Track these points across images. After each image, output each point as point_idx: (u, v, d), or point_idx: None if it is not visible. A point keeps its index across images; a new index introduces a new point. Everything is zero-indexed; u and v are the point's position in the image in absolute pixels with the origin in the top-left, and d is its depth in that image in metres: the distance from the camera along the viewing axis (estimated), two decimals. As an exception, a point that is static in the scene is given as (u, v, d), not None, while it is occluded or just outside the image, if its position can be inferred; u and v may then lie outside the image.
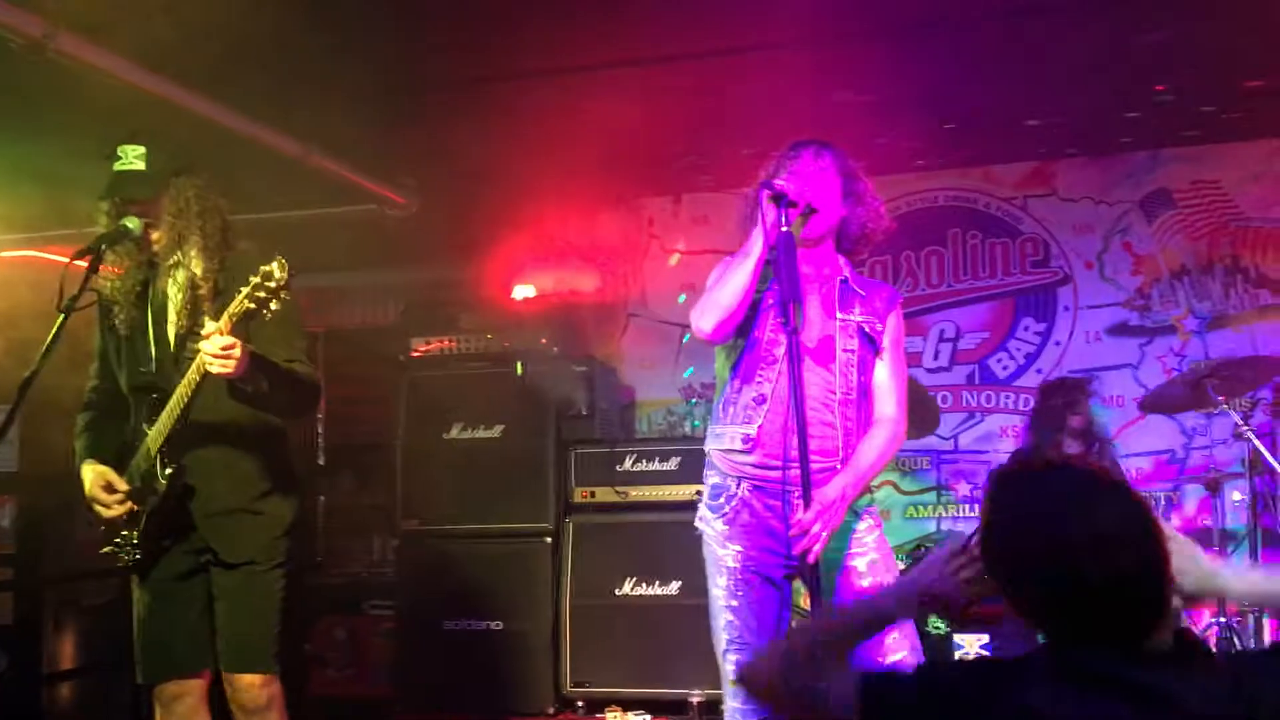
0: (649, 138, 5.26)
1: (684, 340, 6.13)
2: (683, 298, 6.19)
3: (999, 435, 5.94)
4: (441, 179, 5.76)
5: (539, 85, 4.75)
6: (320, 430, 6.43)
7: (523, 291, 5.99)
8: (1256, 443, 4.32)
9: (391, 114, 4.92)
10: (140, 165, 2.88)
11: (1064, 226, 5.99)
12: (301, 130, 4.98)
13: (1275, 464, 4.29)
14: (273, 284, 2.59)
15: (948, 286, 6.12)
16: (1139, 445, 5.64)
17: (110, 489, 2.94)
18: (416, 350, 5.56)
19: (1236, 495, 5.12)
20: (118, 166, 2.90)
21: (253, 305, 2.61)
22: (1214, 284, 5.76)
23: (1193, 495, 5.48)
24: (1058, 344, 5.96)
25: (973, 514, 5.89)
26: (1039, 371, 5.94)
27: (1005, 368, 6.03)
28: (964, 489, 5.66)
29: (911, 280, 6.14)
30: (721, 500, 2.87)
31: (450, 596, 5.15)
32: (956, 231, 6.13)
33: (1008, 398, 5.99)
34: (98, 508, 2.95)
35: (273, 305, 2.63)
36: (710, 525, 2.88)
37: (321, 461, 6.40)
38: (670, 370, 6.31)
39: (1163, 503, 5.42)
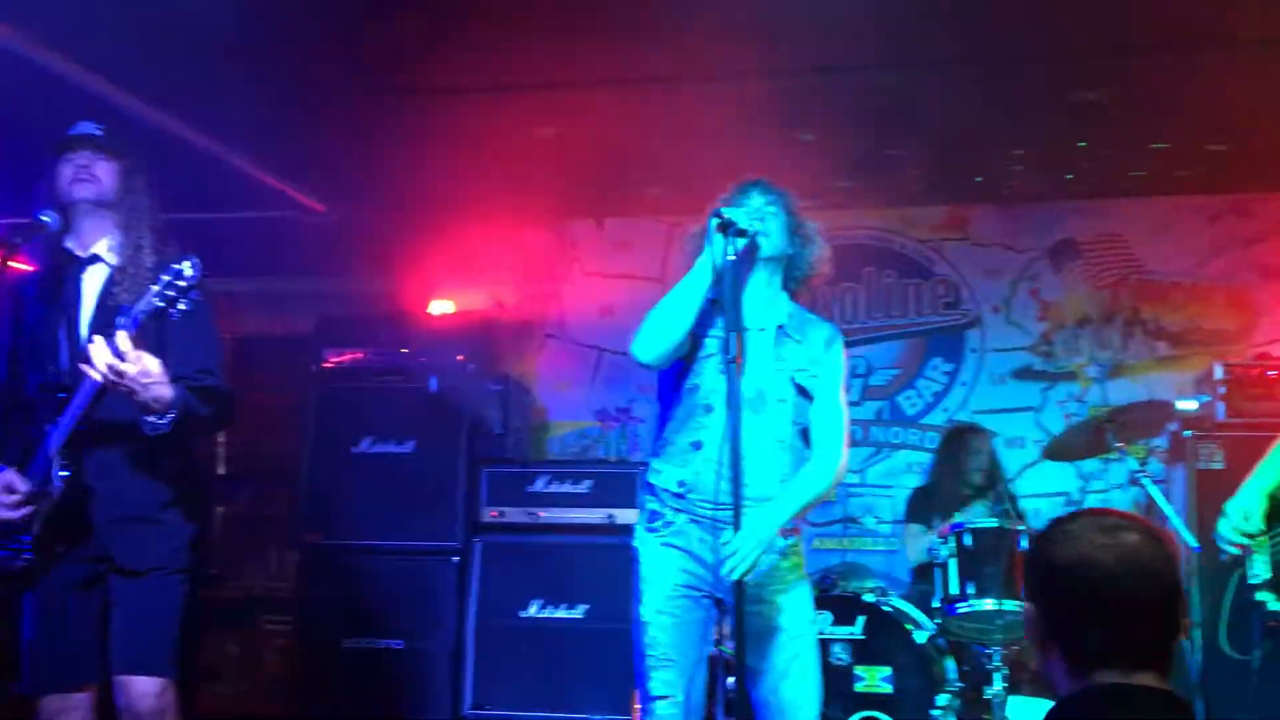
0: (574, 160, 5.26)
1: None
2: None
3: (905, 470, 6.05)
4: (362, 189, 5.69)
5: (467, 102, 4.74)
6: (222, 438, 6.27)
7: (440, 307, 5.94)
8: (1152, 489, 4.45)
9: (314, 121, 4.85)
10: (99, 132, 2.92)
11: (975, 270, 6.15)
12: (221, 131, 4.88)
13: (1169, 510, 4.43)
14: (182, 282, 2.56)
15: (861, 323, 6.23)
16: (1038, 487, 5.78)
17: (10, 490, 2.82)
18: (328, 361, 5.46)
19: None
20: (74, 132, 2.92)
21: (161, 304, 2.57)
22: (1114, 334, 5.96)
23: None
24: (964, 384, 6.11)
25: (877, 547, 5.98)
26: (945, 410, 6.08)
27: (914, 405, 6.15)
28: (870, 522, 5.75)
29: (827, 314, 6.20)
30: (659, 525, 2.94)
31: (350, 614, 5.05)
32: (872, 269, 6.24)
33: (915, 434, 6.11)
34: None
35: (180, 305, 2.58)
36: (645, 545, 2.94)
37: (222, 471, 6.24)
38: (585, 392, 6.31)
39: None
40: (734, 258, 2.76)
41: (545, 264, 6.44)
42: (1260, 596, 2.82)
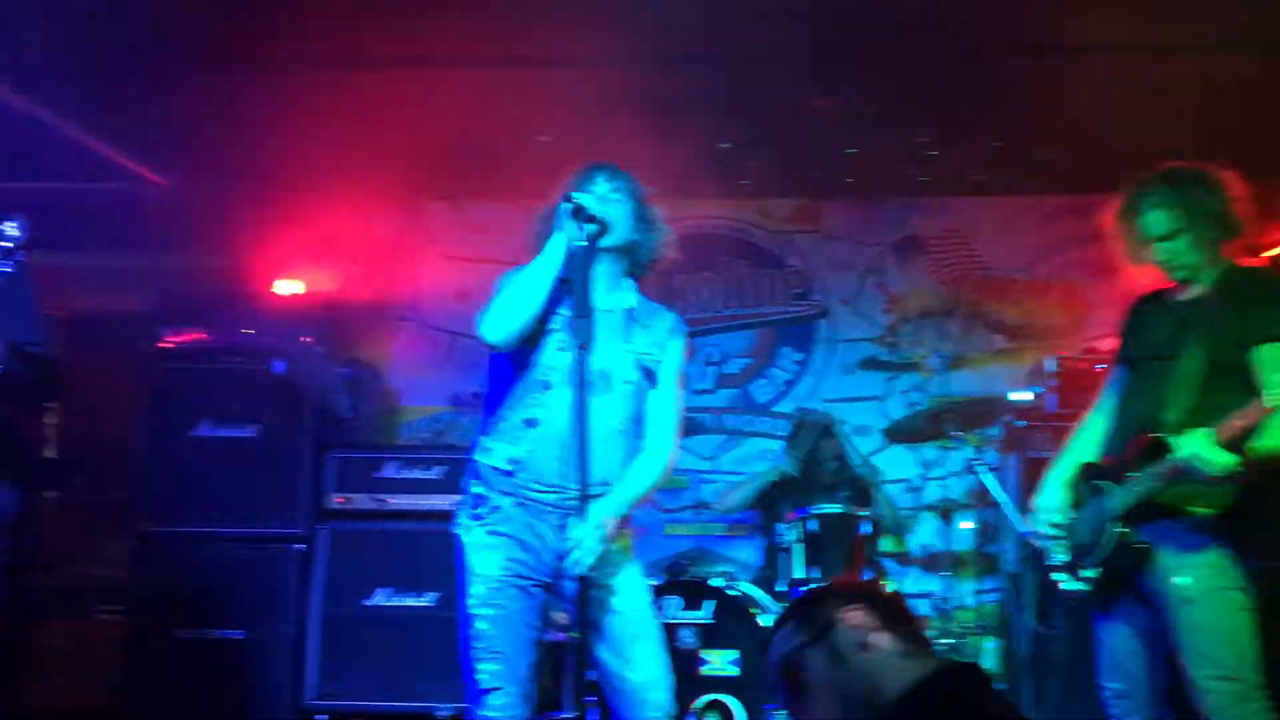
0: (434, 141, 5.18)
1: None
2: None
3: (757, 457, 6.15)
4: (206, 164, 5.48)
5: (322, 76, 4.62)
6: (53, 420, 5.96)
7: (288, 287, 5.76)
8: (985, 476, 4.65)
9: (156, 92, 4.65)
10: None
11: (825, 263, 6.30)
12: (55, 100, 4.63)
13: (1002, 496, 4.63)
14: (6, 244, 2.49)
15: (715, 312, 6.31)
16: (882, 474, 5.95)
17: None
18: (167, 341, 5.23)
19: (966, 524, 5.50)
20: None
21: None
22: (955, 327, 6.18)
23: (927, 521, 5.83)
24: (814, 374, 6.25)
25: (727, 532, 6.09)
26: (796, 399, 6.21)
27: (766, 393, 6.27)
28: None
29: (682, 302, 6.29)
30: (484, 510, 2.88)
31: (188, 603, 4.86)
32: (729, 259, 6.33)
33: (766, 422, 6.23)
34: None
35: (3, 268, 2.51)
36: (469, 533, 2.88)
37: (52, 454, 5.93)
38: (439, 377, 6.22)
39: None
40: (585, 243, 2.75)
41: (400, 245, 6.32)
42: (1055, 577, 3.01)
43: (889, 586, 4.51)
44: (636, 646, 2.89)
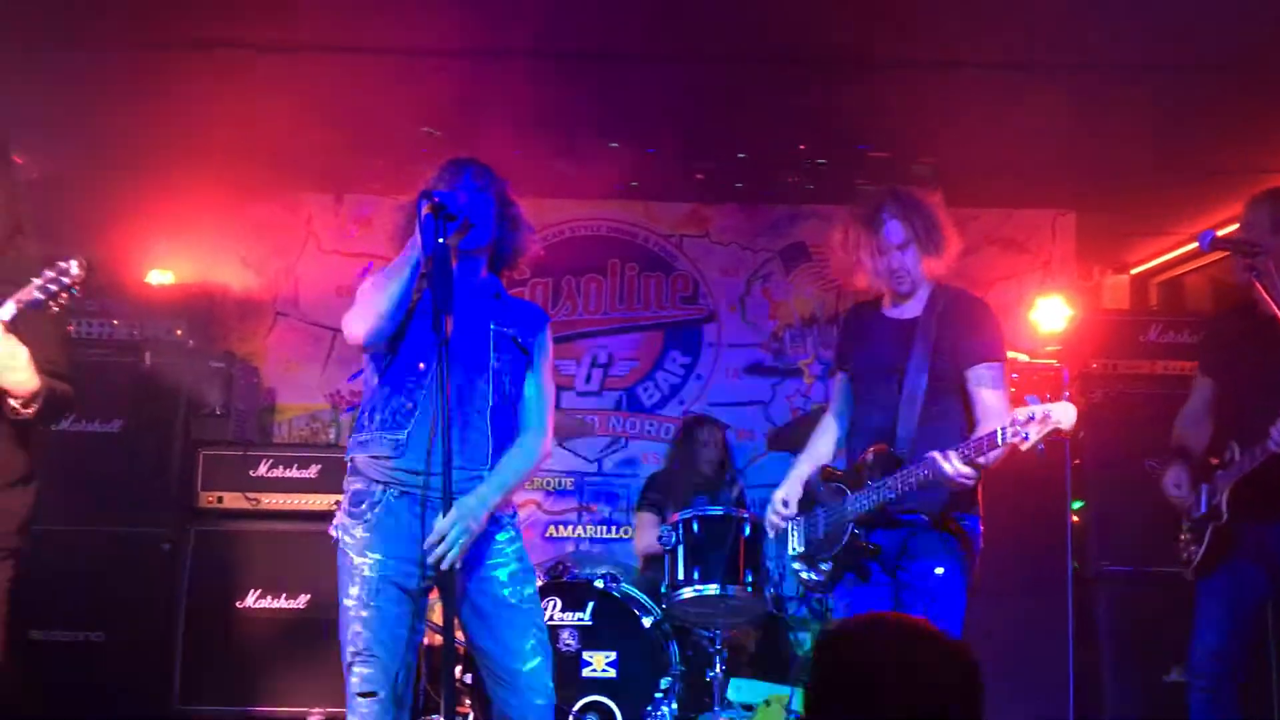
0: (315, 130, 5.05)
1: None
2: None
3: (641, 460, 6.15)
4: (73, 145, 5.23)
5: (200, 58, 4.44)
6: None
7: (159, 277, 5.56)
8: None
9: (17, 68, 4.43)
10: None
11: (713, 267, 6.34)
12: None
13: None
14: (68, 280, 2.72)
15: (604, 314, 6.30)
16: (765, 478, 6.00)
17: None
18: (28, 331, 4.99)
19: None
20: None
21: (41, 296, 2.70)
22: (838, 333, 6.26)
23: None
24: (700, 378, 6.28)
25: (610, 534, 6.07)
26: (681, 402, 6.23)
27: (651, 396, 6.27)
28: (604, 510, 5.81)
29: (570, 304, 6.26)
30: (364, 507, 2.80)
31: (45, 604, 4.62)
32: (616, 262, 6.33)
33: (651, 425, 6.23)
34: None
35: (61, 298, 2.74)
36: (349, 533, 2.81)
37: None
38: (317, 374, 6.07)
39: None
40: (444, 240, 2.70)
41: (279, 238, 6.16)
42: (794, 565, 3.28)
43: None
44: (523, 637, 2.85)
